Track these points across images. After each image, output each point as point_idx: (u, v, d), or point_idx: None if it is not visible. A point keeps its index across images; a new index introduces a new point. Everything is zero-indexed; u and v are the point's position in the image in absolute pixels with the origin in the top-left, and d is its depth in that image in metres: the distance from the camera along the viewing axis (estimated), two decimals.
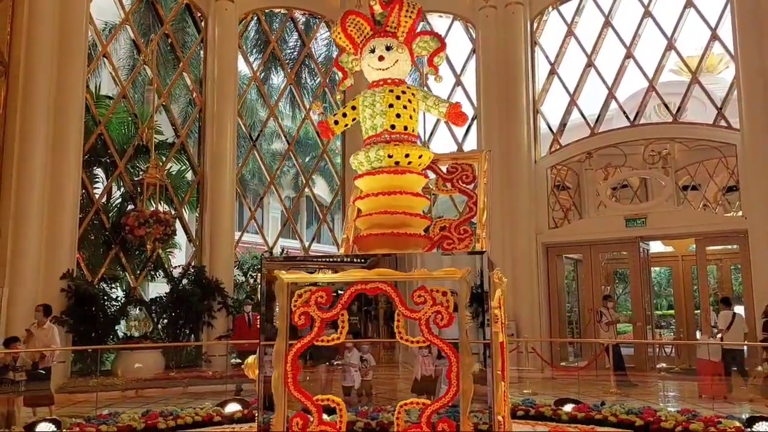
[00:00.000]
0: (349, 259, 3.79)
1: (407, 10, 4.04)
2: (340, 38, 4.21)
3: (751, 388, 10.59)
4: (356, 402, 8.97)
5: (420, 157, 4.04)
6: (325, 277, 3.49)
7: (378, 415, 7.60)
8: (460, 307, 3.09)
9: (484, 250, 3.61)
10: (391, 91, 4.01)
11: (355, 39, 4.14)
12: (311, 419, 3.46)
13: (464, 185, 4.56)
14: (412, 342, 3.21)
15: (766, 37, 12.74)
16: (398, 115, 3.97)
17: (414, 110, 4.05)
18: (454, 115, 4.02)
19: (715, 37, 14.31)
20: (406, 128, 4.00)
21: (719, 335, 11.45)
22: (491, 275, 3.28)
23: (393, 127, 3.98)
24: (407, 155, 3.95)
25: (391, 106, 3.97)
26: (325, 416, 3.45)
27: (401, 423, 3.35)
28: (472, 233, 4.40)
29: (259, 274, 5.97)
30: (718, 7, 14.15)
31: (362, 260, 3.64)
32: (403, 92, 4.02)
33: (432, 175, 4.76)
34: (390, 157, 3.94)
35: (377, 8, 4.16)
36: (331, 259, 3.79)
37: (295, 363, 3.60)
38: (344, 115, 4.20)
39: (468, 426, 2.93)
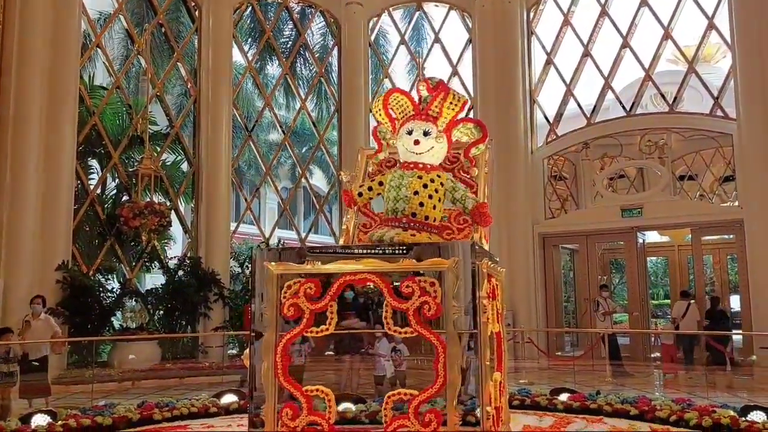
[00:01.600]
0: (343, 251, 3.77)
1: (452, 102, 3.98)
2: (380, 115, 4.15)
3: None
4: (388, 391, 8.97)
5: None
6: (313, 268, 3.47)
7: (402, 405, 7.57)
8: (447, 297, 3.07)
9: (471, 240, 3.58)
10: (420, 177, 3.91)
11: (395, 117, 4.07)
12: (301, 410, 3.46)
13: (465, 175, 4.52)
14: (400, 332, 3.20)
15: (764, 27, 12.69)
16: (421, 204, 3.87)
17: (439, 200, 3.96)
18: (479, 215, 3.94)
19: (711, 26, 14.26)
20: (427, 218, 3.90)
21: (675, 323, 13.11)
22: (479, 265, 3.25)
23: (414, 215, 3.88)
24: None
25: (416, 193, 3.87)
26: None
27: (389, 414, 3.34)
28: (471, 223, 4.37)
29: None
30: None
31: (355, 251, 3.62)
32: (432, 180, 3.91)
33: None
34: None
35: (424, 93, 4.09)
36: (320, 251, 3.76)
37: (285, 354, 3.59)
38: (369, 188, 4.16)
39: (455, 417, 2.92)
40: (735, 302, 15.29)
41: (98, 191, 14.04)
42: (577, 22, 15.69)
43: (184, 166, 15.44)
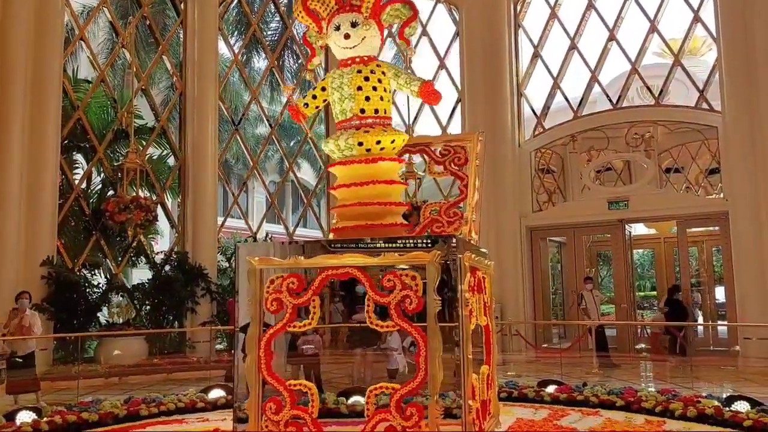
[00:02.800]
0: (324, 244, 3.75)
1: None
2: (302, 17, 4.03)
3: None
4: None
5: (393, 141, 3.89)
6: (295, 263, 3.46)
7: (410, 398, 7.56)
8: (428, 290, 3.06)
9: (453, 234, 3.58)
10: (360, 71, 3.82)
11: (319, 15, 3.96)
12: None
13: (456, 168, 4.49)
14: (381, 327, 3.19)
15: (748, 20, 12.77)
16: (367, 98, 3.79)
17: (385, 90, 3.85)
18: (426, 93, 3.86)
19: (697, 19, 14.32)
20: (377, 111, 3.82)
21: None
22: (461, 258, 3.25)
23: (363, 111, 3.79)
24: (379, 142, 3.80)
25: (359, 89, 3.79)
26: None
27: (371, 408, 3.34)
28: (461, 216, 4.36)
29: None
30: None
31: (338, 246, 3.60)
32: (372, 72, 3.83)
33: (417, 159, 4.69)
34: (360, 144, 3.80)
35: None
36: (303, 244, 3.74)
37: (269, 348, 3.58)
38: (314, 97, 4.06)
39: (436, 410, 2.92)
40: (720, 294, 15.44)
41: (83, 186, 13.92)
42: (564, 16, 15.71)
43: (171, 161, 15.32)
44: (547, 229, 15.58)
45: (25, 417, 7.01)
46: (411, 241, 3.30)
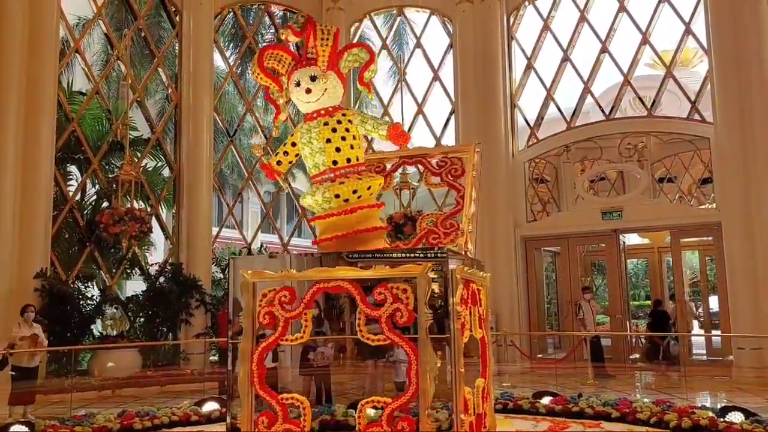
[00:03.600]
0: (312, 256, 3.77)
1: (322, 39, 3.88)
2: (260, 78, 4.03)
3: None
4: None
5: (369, 188, 3.91)
6: (287, 276, 3.47)
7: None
8: (419, 304, 3.07)
9: (443, 246, 3.60)
10: (326, 123, 3.84)
11: (278, 74, 3.96)
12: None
13: (453, 179, 4.52)
14: (373, 340, 3.20)
15: (740, 31, 12.87)
16: (338, 149, 3.80)
17: (354, 137, 3.88)
18: (395, 135, 3.87)
19: (689, 31, 14.44)
20: (348, 160, 3.85)
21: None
22: (453, 271, 3.27)
23: (335, 162, 3.82)
24: (355, 191, 3.82)
25: (328, 141, 3.80)
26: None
27: (363, 421, 3.34)
28: (458, 227, 4.37)
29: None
30: (692, 2, 14.28)
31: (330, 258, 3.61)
32: (339, 122, 3.83)
33: (411, 169, 4.70)
34: (337, 197, 3.82)
35: (292, 38, 4.00)
36: (291, 256, 3.76)
37: (261, 362, 3.59)
38: (285, 153, 4.09)
39: (428, 425, 2.93)
40: (714, 303, 15.48)
41: (78, 198, 13.90)
42: (557, 28, 15.84)
43: (166, 172, 15.32)
44: (542, 239, 15.62)
45: (17, 430, 6.97)
46: (402, 253, 3.32)
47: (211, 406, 8.14)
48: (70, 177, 14.30)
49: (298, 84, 3.89)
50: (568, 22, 15.67)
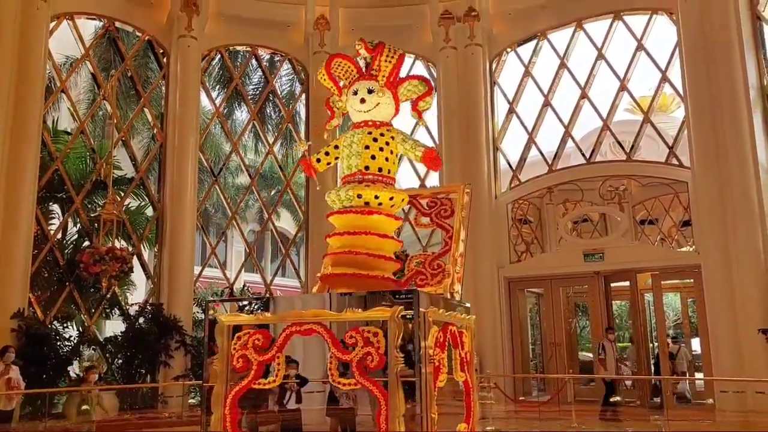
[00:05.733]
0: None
1: (387, 56, 4.11)
2: (324, 80, 4.27)
3: None
4: None
5: (391, 198, 4.04)
6: (259, 319, 3.47)
7: None
8: (390, 347, 3.08)
9: (415, 288, 3.62)
10: (370, 133, 4.06)
11: (340, 81, 4.21)
12: None
13: (443, 220, 4.58)
14: (343, 385, 3.20)
15: (713, 80, 13.26)
16: (373, 157, 4.01)
17: (392, 152, 4.08)
18: (429, 159, 4.09)
19: (665, 78, 14.86)
20: (380, 170, 4.03)
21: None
22: (426, 313, 3.29)
23: (367, 168, 4.01)
24: (377, 197, 3.98)
25: (367, 147, 4.02)
26: None
27: None
28: (444, 268, 4.40)
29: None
30: (668, 50, 14.74)
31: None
32: (382, 134, 4.06)
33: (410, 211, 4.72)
34: (359, 197, 3.97)
35: (363, 52, 4.23)
36: (264, 298, 3.75)
37: (234, 406, 3.55)
38: (326, 153, 4.26)
39: None
40: (696, 345, 15.52)
41: (59, 236, 13.80)
42: (538, 73, 16.23)
43: (149, 211, 15.29)
44: (525, 280, 15.66)
45: None
46: (373, 295, 3.34)
47: None
48: (52, 215, 14.22)
49: (355, 93, 4.12)
50: (549, 68, 16.10)
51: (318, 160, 4.27)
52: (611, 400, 12.99)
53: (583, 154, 15.67)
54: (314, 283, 4.46)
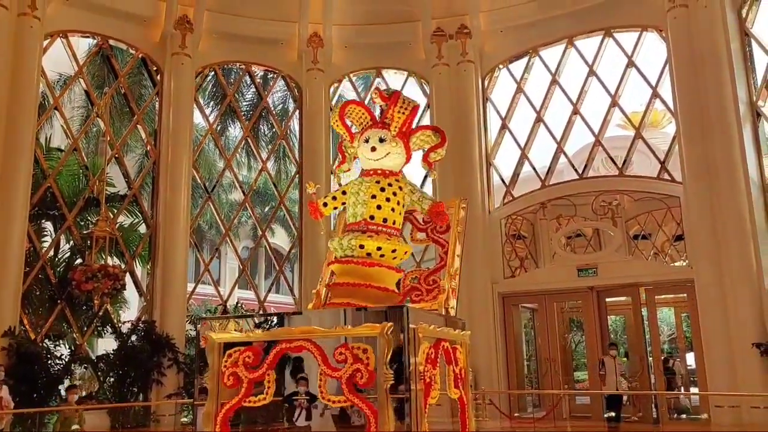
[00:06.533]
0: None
1: (401, 107, 4.11)
2: (337, 126, 4.26)
3: None
4: None
5: (394, 251, 4.00)
6: (249, 336, 3.46)
7: None
8: (379, 364, 3.07)
9: (404, 304, 3.62)
10: (378, 182, 4.04)
11: (352, 128, 4.22)
12: None
13: (439, 235, 4.58)
14: (333, 402, 3.18)
15: (703, 95, 13.38)
16: (379, 207, 3.98)
17: (398, 203, 4.06)
18: (435, 213, 4.11)
19: (656, 94, 14.98)
20: (385, 220, 4.00)
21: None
22: (416, 329, 3.28)
23: (372, 217, 3.97)
24: (380, 248, 3.94)
25: (373, 197, 3.99)
26: None
27: None
28: (440, 283, 4.40)
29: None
30: (658, 67, 14.89)
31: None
32: (390, 184, 4.04)
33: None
34: (362, 247, 3.93)
35: (378, 101, 4.26)
36: (258, 315, 3.74)
37: (225, 425, 3.53)
38: (334, 198, 4.25)
39: None
40: (690, 359, 15.50)
41: (51, 254, 13.73)
42: (530, 90, 16.36)
43: (142, 228, 15.25)
44: (519, 295, 15.64)
45: None
46: (363, 312, 3.34)
47: None
48: (45, 233, 14.16)
49: (366, 141, 4.11)
50: (541, 85, 16.23)
51: (325, 204, 4.26)
52: (606, 416, 12.92)
53: (575, 170, 15.74)
54: (308, 299, 4.45)
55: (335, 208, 4.27)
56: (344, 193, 4.21)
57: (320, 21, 16.26)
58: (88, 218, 14.39)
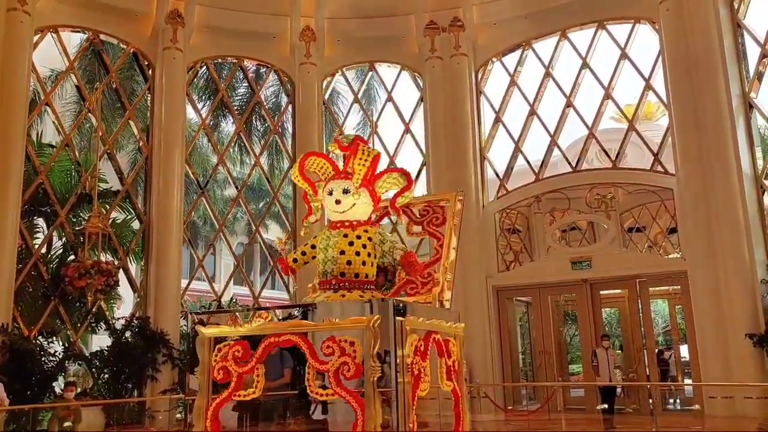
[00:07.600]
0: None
1: (360, 158, 3.99)
2: (298, 180, 4.18)
3: None
4: None
5: None
6: (239, 330, 3.45)
7: None
8: (366, 357, 3.06)
9: (387, 297, 3.60)
10: (346, 236, 3.93)
11: (315, 180, 4.13)
12: None
13: (435, 228, 4.53)
14: (321, 395, 3.18)
15: (695, 88, 13.39)
16: (349, 262, 3.88)
17: (369, 255, 3.95)
18: (407, 264, 3.99)
19: (649, 87, 15.00)
20: (357, 275, 3.90)
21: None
22: (403, 322, 3.26)
23: (343, 274, 3.88)
24: None
25: (342, 252, 3.89)
26: None
27: None
28: (434, 276, 4.37)
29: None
30: (651, 59, 14.89)
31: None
32: (358, 237, 3.93)
33: (384, 220, 4.68)
34: None
35: (337, 152, 4.15)
36: (248, 309, 3.73)
37: (216, 419, 3.52)
38: (303, 253, 4.17)
39: None
40: (684, 351, 15.57)
41: (43, 251, 13.67)
42: (523, 83, 16.33)
43: (135, 224, 15.19)
44: (514, 289, 15.67)
45: None
46: (350, 304, 3.32)
47: None
48: (37, 230, 14.09)
49: (330, 193, 4.00)
50: (534, 78, 16.22)
51: (295, 260, 4.19)
52: (598, 407, 12.96)
53: (569, 163, 15.74)
54: (303, 294, 4.43)
55: (306, 262, 4.20)
56: (313, 247, 4.13)
57: (312, 15, 16.20)
58: (81, 214, 14.33)
